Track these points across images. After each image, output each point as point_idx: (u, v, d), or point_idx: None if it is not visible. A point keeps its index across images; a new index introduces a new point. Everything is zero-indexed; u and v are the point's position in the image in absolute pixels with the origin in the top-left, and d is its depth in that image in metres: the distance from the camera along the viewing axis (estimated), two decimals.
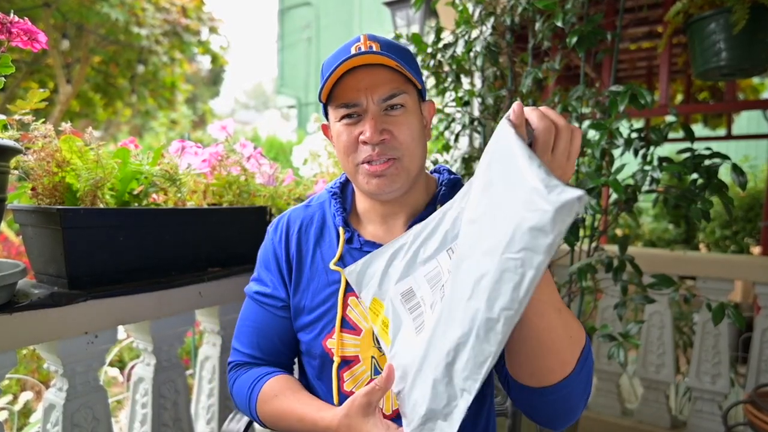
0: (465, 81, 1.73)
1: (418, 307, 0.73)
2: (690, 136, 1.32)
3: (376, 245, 0.84)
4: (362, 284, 0.81)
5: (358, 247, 0.85)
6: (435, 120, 1.76)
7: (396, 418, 0.79)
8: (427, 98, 0.88)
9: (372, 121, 0.76)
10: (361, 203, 0.90)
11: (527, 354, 0.65)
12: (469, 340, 0.56)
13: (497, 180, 0.54)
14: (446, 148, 1.81)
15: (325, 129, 0.91)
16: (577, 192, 0.43)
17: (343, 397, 0.82)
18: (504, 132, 0.55)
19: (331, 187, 0.93)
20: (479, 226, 0.57)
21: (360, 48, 0.77)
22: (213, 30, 8.20)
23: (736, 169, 1.25)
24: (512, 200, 0.50)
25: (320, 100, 0.82)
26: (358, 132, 0.78)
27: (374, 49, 0.77)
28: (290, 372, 0.93)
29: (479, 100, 1.66)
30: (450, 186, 0.89)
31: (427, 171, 0.92)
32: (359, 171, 0.80)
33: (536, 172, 0.47)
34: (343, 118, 0.79)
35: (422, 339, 0.68)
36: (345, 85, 0.77)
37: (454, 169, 1.29)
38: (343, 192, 0.93)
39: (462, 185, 0.92)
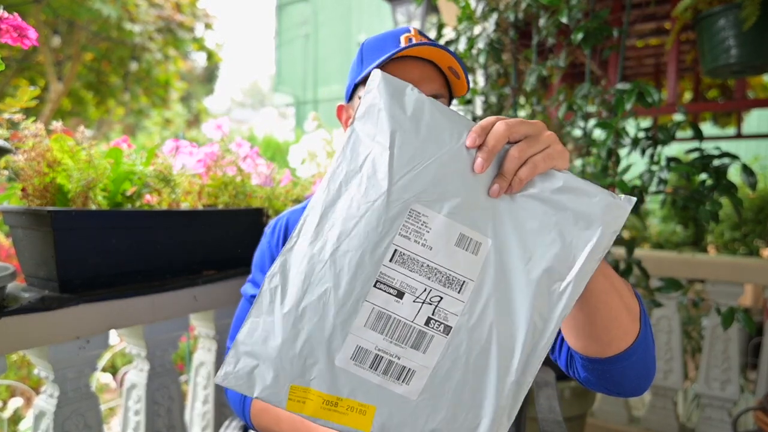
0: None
1: (380, 360, 0.54)
2: (699, 136, 1.29)
3: None
4: (255, 384, 0.52)
5: None
6: None
7: None
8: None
9: None
10: None
11: (585, 327, 0.60)
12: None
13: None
14: None
15: (341, 110, 0.88)
16: None
17: None
18: None
19: None
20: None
21: (411, 40, 0.76)
22: (208, 26, 8.18)
23: (746, 170, 1.22)
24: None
25: (354, 81, 0.80)
26: None
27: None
28: None
29: (482, 98, 1.63)
30: None
31: None
32: None
33: None
34: None
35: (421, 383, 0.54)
36: (391, 72, 0.75)
37: None
38: None
39: None
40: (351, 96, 0.84)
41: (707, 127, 3.96)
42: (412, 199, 0.51)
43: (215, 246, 1.24)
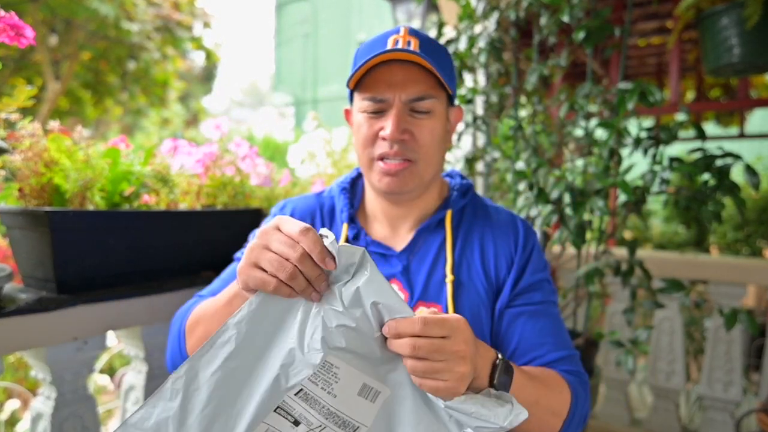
0: (468, 78, 1.69)
1: None
2: (701, 136, 1.28)
3: (383, 246, 0.83)
4: None
5: (364, 246, 0.83)
6: None
7: None
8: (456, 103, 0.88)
9: (395, 118, 0.75)
10: (371, 202, 0.88)
11: None
12: None
13: None
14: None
15: (348, 114, 0.89)
16: None
17: None
18: None
19: (342, 182, 0.91)
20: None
21: (398, 42, 0.76)
22: (206, 25, 8.14)
23: (749, 170, 1.21)
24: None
25: (348, 86, 0.81)
26: (379, 126, 0.77)
27: (412, 46, 0.76)
28: None
29: (483, 97, 1.63)
30: (461, 192, 0.88)
31: None
32: (374, 167, 0.79)
33: None
34: (367, 109, 0.78)
35: None
36: (376, 77, 0.76)
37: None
38: (353, 188, 0.91)
39: (473, 191, 0.90)
40: (351, 99, 0.85)
41: (710, 127, 3.94)
42: (329, 353, 0.55)
43: (214, 247, 1.23)
